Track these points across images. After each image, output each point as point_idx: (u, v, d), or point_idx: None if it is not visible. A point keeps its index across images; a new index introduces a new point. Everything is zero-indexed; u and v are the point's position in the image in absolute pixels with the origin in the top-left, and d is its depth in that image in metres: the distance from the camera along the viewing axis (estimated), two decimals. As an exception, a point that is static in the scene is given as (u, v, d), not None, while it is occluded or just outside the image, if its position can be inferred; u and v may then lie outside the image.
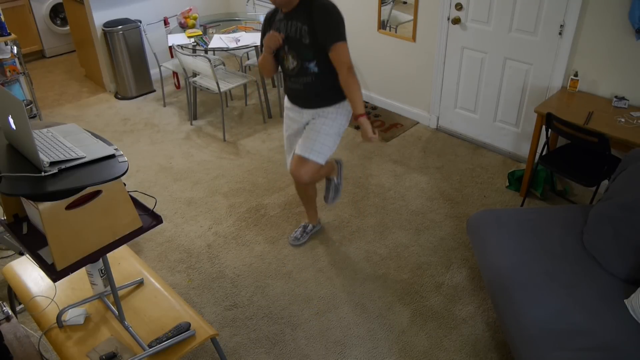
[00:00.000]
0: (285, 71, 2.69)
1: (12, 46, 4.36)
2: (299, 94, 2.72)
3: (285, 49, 2.60)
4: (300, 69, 2.61)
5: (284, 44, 2.59)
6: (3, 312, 2.13)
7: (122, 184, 1.84)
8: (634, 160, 2.53)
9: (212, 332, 2.22)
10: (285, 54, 2.61)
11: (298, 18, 2.52)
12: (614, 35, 3.19)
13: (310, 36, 2.50)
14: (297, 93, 2.73)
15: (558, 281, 2.30)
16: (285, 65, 2.66)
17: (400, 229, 3.37)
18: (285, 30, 2.57)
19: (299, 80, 2.67)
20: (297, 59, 2.59)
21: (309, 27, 2.49)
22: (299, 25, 2.52)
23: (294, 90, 2.74)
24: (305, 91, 2.69)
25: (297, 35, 2.53)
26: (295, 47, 2.56)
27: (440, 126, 4.49)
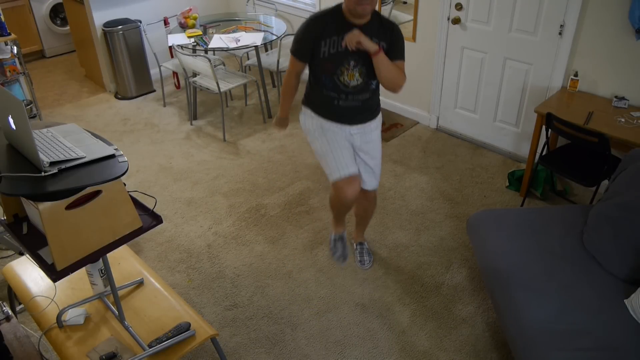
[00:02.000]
0: (342, 88, 2.46)
1: (12, 46, 4.36)
2: (353, 111, 2.54)
3: (349, 65, 2.39)
4: (364, 85, 2.47)
5: (347, 59, 2.38)
6: (3, 312, 2.13)
7: (122, 184, 1.84)
8: (634, 160, 2.54)
9: (212, 332, 2.22)
10: (349, 69, 2.41)
11: (374, 34, 2.36)
12: (614, 35, 3.19)
13: (386, 54, 2.38)
14: (350, 111, 2.54)
15: (558, 281, 2.30)
16: (342, 81, 2.44)
17: (400, 229, 3.37)
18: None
19: (357, 98, 2.50)
20: (364, 76, 2.43)
21: (387, 44, 2.39)
22: (375, 41, 2.36)
23: (347, 108, 2.52)
24: (362, 108, 2.55)
25: None
26: (368, 62, 2.37)
27: (440, 126, 4.49)
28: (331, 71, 2.42)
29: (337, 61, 2.39)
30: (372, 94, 2.55)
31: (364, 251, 3.13)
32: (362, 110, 2.56)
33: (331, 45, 2.37)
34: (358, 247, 3.16)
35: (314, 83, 2.55)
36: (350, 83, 2.44)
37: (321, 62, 2.42)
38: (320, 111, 2.58)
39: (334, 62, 2.39)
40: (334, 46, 2.37)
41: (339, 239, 3.10)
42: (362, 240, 3.18)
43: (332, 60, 2.39)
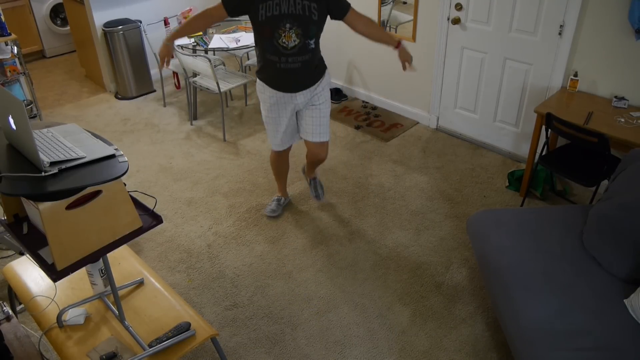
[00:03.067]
0: (281, 51, 2.66)
1: (12, 46, 4.36)
2: (295, 74, 2.75)
3: (285, 27, 2.59)
4: (302, 46, 2.65)
5: (283, 21, 2.58)
6: (3, 312, 2.13)
7: (122, 184, 1.84)
8: (634, 160, 2.54)
9: (212, 332, 2.22)
10: (285, 31, 2.60)
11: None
12: (613, 35, 3.19)
13: (319, 13, 2.61)
14: (292, 74, 2.75)
15: (558, 281, 2.30)
16: (280, 44, 2.64)
17: (400, 229, 3.37)
18: (286, 8, 2.57)
19: (297, 60, 2.69)
20: (301, 36, 2.63)
21: (318, 4, 2.59)
22: (306, 3, 2.57)
23: (288, 71, 2.73)
24: (303, 69, 2.75)
25: (305, 12, 2.58)
26: (302, 24, 2.60)
27: (440, 126, 4.49)
28: (269, 35, 2.63)
29: (273, 24, 2.59)
30: (312, 54, 2.73)
31: (317, 185, 3.50)
32: (303, 72, 2.76)
33: (267, 8, 2.56)
34: (312, 182, 3.50)
35: (259, 51, 2.78)
36: (288, 44, 2.63)
37: (260, 26, 2.62)
38: (267, 80, 2.84)
39: (271, 26, 2.60)
40: (269, 9, 2.56)
41: (276, 199, 3.48)
42: (314, 176, 3.51)
43: (269, 23, 2.59)
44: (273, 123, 3.01)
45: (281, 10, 2.58)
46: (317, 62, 2.84)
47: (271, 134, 3.07)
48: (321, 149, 3.07)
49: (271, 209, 3.45)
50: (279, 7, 2.58)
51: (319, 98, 2.93)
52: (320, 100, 2.94)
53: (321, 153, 3.10)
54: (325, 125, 3.01)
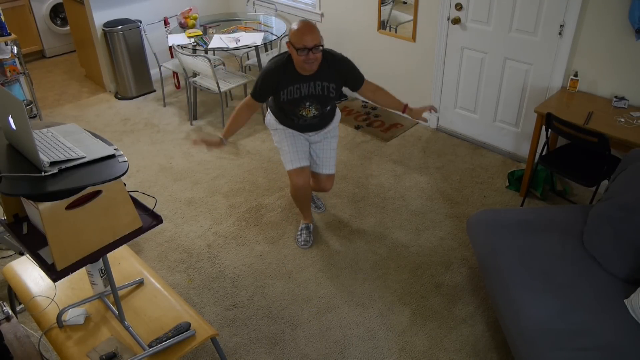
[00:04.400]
0: (300, 118, 2.91)
1: (12, 46, 4.36)
2: (312, 127, 3.00)
3: (305, 105, 2.83)
4: (320, 114, 2.92)
5: (303, 101, 2.81)
6: (3, 312, 2.13)
7: (122, 184, 1.84)
8: (634, 160, 2.54)
9: (212, 332, 2.22)
10: (306, 108, 2.85)
11: (323, 78, 2.75)
12: (613, 35, 3.19)
13: (336, 90, 2.83)
14: (310, 127, 3.00)
15: (558, 281, 2.30)
16: (301, 114, 2.88)
17: (400, 229, 3.37)
18: (307, 90, 2.77)
19: (314, 120, 2.95)
20: (319, 109, 2.88)
21: (336, 84, 2.80)
22: (325, 85, 2.77)
23: (306, 126, 2.98)
24: (319, 123, 3.00)
25: (324, 92, 2.79)
26: (322, 101, 2.83)
27: (440, 126, 4.49)
28: (291, 109, 2.86)
29: (295, 104, 2.82)
30: (327, 111, 2.98)
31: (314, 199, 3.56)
32: (321, 123, 3.01)
33: (288, 93, 2.76)
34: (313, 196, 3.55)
35: (277, 106, 2.94)
36: (307, 116, 2.90)
37: (281, 103, 2.84)
38: (282, 121, 3.01)
39: (292, 105, 2.82)
40: (290, 94, 2.76)
41: (305, 228, 3.32)
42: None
43: (290, 103, 2.81)
44: (288, 142, 3.02)
45: (302, 93, 2.77)
46: (331, 114, 3.06)
47: (287, 152, 3.02)
48: (329, 180, 3.19)
49: (304, 239, 3.27)
50: (300, 91, 2.76)
51: (331, 132, 3.10)
52: (331, 134, 3.11)
53: (328, 184, 3.20)
54: (334, 158, 3.16)
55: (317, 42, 2.57)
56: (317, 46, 2.58)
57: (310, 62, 2.60)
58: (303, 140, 3.05)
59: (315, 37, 2.57)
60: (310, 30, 2.56)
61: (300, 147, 3.02)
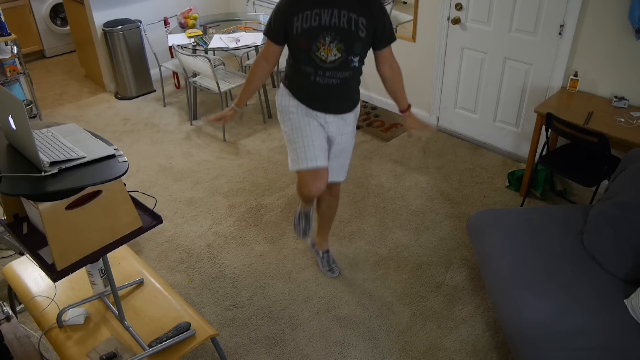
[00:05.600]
0: (318, 63, 2.30)
1: (12, 46, 4.36)
2: (331, 91, 2.38)
3: (324, 40, 2.25)
4: (344, 61, 2.30)
5: (322, 34, 2.24)
6: (3, 312, 2.13)
7: (122, 184, 1.84)
8: (634, 160, 2.54)
9: (212, 332, 2.22)
10: (325, 45, 2.26)
11: (351, 8, 2.22)
12: (613, 35, 3.19)
13: (367, 30, 2.27)
14: (328, 91, 2.37)
15: (558, 281, 2.30)
16: (318, 56, 2.28)
17: (400, 229, 3.37)
18: (328, 19, 2.22)
19: (336, 75, 2.33)
20: (343, 51, 2.28)
21: (368, 20, 2.25)
22: (353, 16, 2.23)
23: (324, 87, 2.36)
24: (341, 88, 2.38)
25: (350, 26, 2.24)
26: (346, 39, 2.25)
27: (440, 126, 4.49)
28: (306, 47, 2.28)
29: (311, 37, 2.25)
30: (353, 72, 2.37)
31: (330, 259, 3.05)
32: (339, 92, 2.40)
33: (304, 20, 2.23)
34: (325, 256, 3.05)
35: (291, 60, 2.42)
36: (328, 58, 2.29)
37: (295, 39, 2.28)
38: (296, 91, 2.43)
39: (308, 38, 2.25)
40: (307, 21, 2.23)
41: (304, 214, 2.82)
42: (328, 248, 3.08)
43: (305, 36, 2.25)
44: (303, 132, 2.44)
45: (321, 22, 2.23)
46: (355, 89, 2.50)
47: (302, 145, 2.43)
48: (336, 189, 2.77)
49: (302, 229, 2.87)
50: (319, 18, 2.23)
51: (349, 136, 2.58)
52: (349, 139, 2.59)
53: (337, 191, 2.79)
54: (346, 165, 2.69)
55: None
56: None
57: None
58: (323, 133, 2.47)
59: None
60: None
61: (318, 141, 2.43)
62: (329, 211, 2.89)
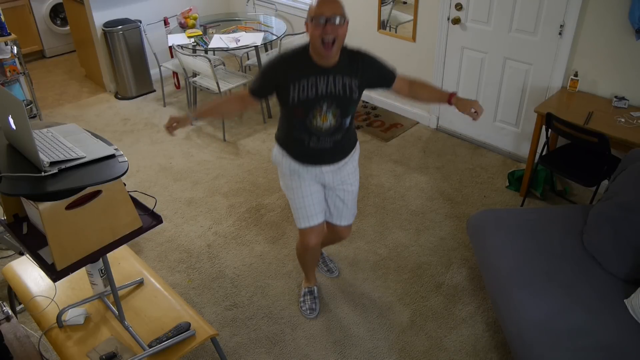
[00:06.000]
0: (313, 131, 2.27)
1: (12, 46, 4.36)
2: (324, 153, 2.36)
3: (321, 108, 2.20)
4: (338, 127, 2.28)
5: (319, 102, 2.19)
6: (3, 312, 2.13)
7: (122, 184, 1.84)
8: (634, 160, 2.54)
9: (212, 332, 2.22)
10: (322, 112, 2.22)
11: (344, 72, 2.19)
12: (614, 35, 3.19)
13: (360, 90, 2.25)
14: (322, 153, 2.35)
15: (558, 281, 2.30)
16: (314, 125, 2.24)
17: (400, 229, 3.37)
18: (324, 88, 2.18)
19: (330, 139, 2.31)
20: (338, 116, 2.24)
21: (359, 81, 2.22)
22: (347, 81, 2.19)
23: (318, 150, 2.33)
24: (334, 149, 2.36)
25: (345, 91, 2.20)
26: (342, 104, 2.22)
27: (440, 126, 4.49)
28: (302, 116, 2.23)
29: (308, 106, 2.20)
30: (345, 132, 2.34)
31: (327, 260, 3.08)
32: (333, 151, 2.37)
33: (301, 89, 2.17)
34: (320, 258, 3.06)
35: (284, 122, 2.37)
36: (323, 126, 2.26)
37: (290, 108, 2.23)
38: (289, 150, 2.40)
39: (304, 107, 2.21)
40: (303, 90, 2.17)
41: (308, 292, 2.87)
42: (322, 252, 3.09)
43: (302, 105, 2.20)
44: (300, 192, 2.44)
45: (318, 91, 2.17)
46: (349, 141, 2.44)
47: (298, 206, 2.46)
48: (346, 230, 2.68)
49: (309, 307, 2.82)
50: (315, 87, 2.17)
51: (350, 177, 2.50)
52: (351, 180, 2.51)
53: (345, 234, 2.70)
54: (355, 206, 2.62)
55: (337, 12, 2.06)
56: (337, 16, 2.05)
57: (328, 37, 2.05)
58: (317, 187, 2.46)
59: (337, 7, 2.07)
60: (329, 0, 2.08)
61: (314, 199, 2.45)
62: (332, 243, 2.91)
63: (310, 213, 2.46)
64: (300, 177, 2.43)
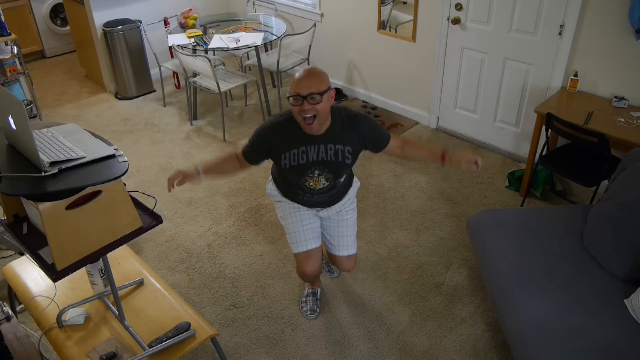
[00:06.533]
0: (307, 191, 2.34)
1: (12, 46, 4.36)
2: (320, 204, 2.44)
3: (312, 174, 2.26)
4: (332, 186, 2.34)
5: (311, 169, 2.24)
6: (3, 312, 2.13)
7: (122, 184, 1.84)
8: (634, 160, 2.54)
9: (212, 332, 2.22)
10: (314, 177, 2.27)
11: (336, 140, 2.20)
12: (614, 35, 3.19)
13: (353, 155, 2.25)
14: (317, 204, 2.44)
15: (558, 281, 2.30)
16: (308, 186, 2.31)
17: (400, 229, 3.37)
18: (315, 155, 2.20)
19: (325, 195, 2.37)
20: (331, 180, 2.30)
21: (353, 147, 2.23)
22: (340, 148, 2.21)
23: (311, 202, 2.42)
24: (329, 201, 2.43)
25: (337, 158, 2.22)
26: (334, 169, 2.26)
27: (440, 126, 4.49)
28: (294, 179, 2.30)
29: (299, 172, 2.24)
30: (340, 186, 2.40)
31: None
32: (328, 202, 2.44)
33: (291, 158, 2.20)
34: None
35: (278, 176, 2.44)
36: (316, 187, 2.31)
37: (283, 171, 2.29)
38: (284, 194, 2.46)
39: (296, 173, 2.25)
40: (294, 159, 2.20)
41: (311, 293, 2.86)
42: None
43: (294, 171, 2.24)
44: (293, 219, 2.48)
45: (309, 159, 2.21)
46: (345, 188, 2.48)
47: (292, 231, 2.49)
48: (349, 261, 2.62)
49: (310, 308, 2.81)
50: (306, 156, 2.20)
51: (347, 212, 2.53)
52: (348, 214, 2.54)
53: (349, 265, 2.63)
54: (353, 235, 2.60)
55: (314, 89, 2.01)
56: (314, 95, 2.01)
57: (306, 114, 2.05)
58: (311, 215, 2.50)
59: (314, 83, 2.03)
60: (308, 75, 2.05)
61: (308, 225, 2.47)
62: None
63: (307, 237, 2.47)
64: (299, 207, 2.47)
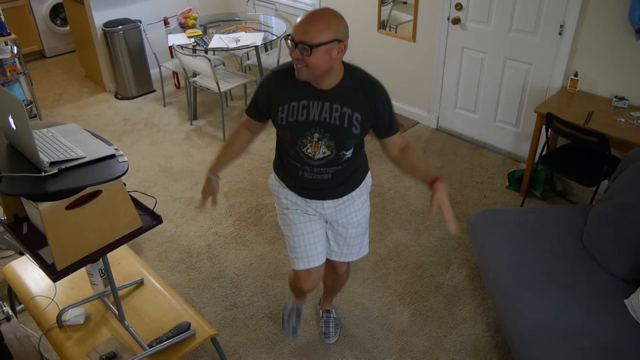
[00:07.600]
0: (306, 160, 1.99)
1: (12, 46, 4.36)
2: (322, 185, 2.05)
3: (312, 137, 1.92)
4: (334, 158, 1.97)
5: (309, 128, 1.91)
6: (3, 312, 2.13)
7: (122, 184, 1.84)
8: (634, 160, 2.54)
9: (212, 332, 2.22)
10: (313, 141, 1.93)
11: (345, 102, 1.88)
12: (614, 35, 3.19)
13: (362, 126, 1.91)
14: (319, 184, 2.05)
15: (558, 281, 2.30)
16: (305, 152, 1.97)
17: (400, 229, 3.37)
18: (317, 114, 1.89)
19: (327, 170, 2.01)
20: (333, 149, 1.94)
21: (364, 116, 1.89)
22: (347, 112, 1.88)
23: (314, 181, 2.04)
24: (332, 181, 2.04)
25: (343, 122, 1.89)
26: (337, 136, 1.91)
27: (440, 126, 4.49)
28: (291, 141, 1.97)
29: (297, 132, 1.93)
30: (345, 164, 2.02)
31: (330, 321, 2.68)
32: (333, 183, 2.05)
33: (289, 112, 1.90)
34: (324, 316, 2.70)
35: (278, 145, 2.14)
36: (315, 155, 1.96)
37: (279, 130, 1.99)
38: (284, 180, 2.16)
39: (293, 132, 1.94)
40: (292, 113, 1.90)
41: (295, 310, 2.52)
42: (330, 308, 2.73)
43: (290, 129, 1.93)
44: (295, 228, 2.18)
45: (309, 116, 1.89)
46: (354, 172, 2.11)
47: (294, 246, 2.20)
48: (343, 266, 2.40)
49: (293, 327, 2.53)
50: (307, 112, 1.89)
51: (358, 214, 2.18)
52: (359, 217, 2.19)
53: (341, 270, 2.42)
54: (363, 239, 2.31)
55: (306, 38, 1.72)
56: (305, 45, 1.72)
57: (296, 62, 1.79)
58: (319, 225, 2.18)
59: (310, 30, 1.72)
60: (309, 18, 1.75)
61: (315, 237, 2.17)
62: (334, 286, 2.60)
63: (311, 253, 2.18)
64: (299, 211, 2.16)
